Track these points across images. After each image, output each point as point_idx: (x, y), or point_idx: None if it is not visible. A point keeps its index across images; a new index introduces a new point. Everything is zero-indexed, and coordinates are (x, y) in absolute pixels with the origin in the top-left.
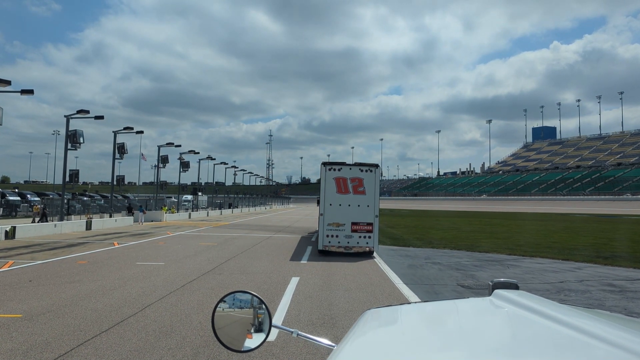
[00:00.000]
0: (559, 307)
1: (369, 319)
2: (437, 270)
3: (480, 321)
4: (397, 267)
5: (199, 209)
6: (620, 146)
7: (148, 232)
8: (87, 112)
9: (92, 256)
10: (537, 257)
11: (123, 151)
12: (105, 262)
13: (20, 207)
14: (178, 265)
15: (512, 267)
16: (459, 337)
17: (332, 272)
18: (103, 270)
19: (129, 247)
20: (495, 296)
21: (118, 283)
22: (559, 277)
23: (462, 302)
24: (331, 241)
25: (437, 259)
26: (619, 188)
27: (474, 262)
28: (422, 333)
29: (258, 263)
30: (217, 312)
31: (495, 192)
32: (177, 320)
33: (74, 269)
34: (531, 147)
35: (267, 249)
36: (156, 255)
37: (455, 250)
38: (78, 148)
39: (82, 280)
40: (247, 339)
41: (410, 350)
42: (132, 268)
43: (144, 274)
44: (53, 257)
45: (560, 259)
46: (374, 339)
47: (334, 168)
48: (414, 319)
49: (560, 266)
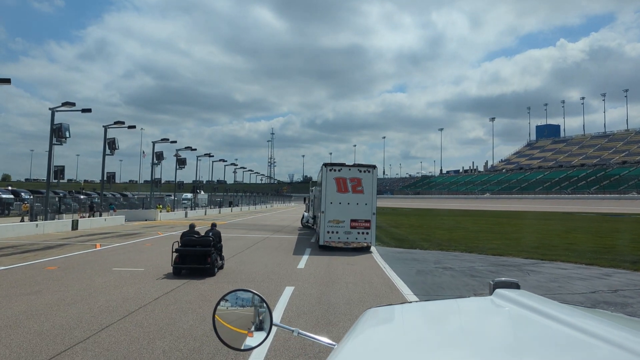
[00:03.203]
0: (560, 307)
1: (370, 318)
2: (450, 277)
3: (481, 320)
4: (405, 273)
5: (199, 208)
6: (625, 144)
7: (137, 232)
8: (73, 105)
9: (66, 261)
10: (558, 260)
11: (114, 147)
12: (78, 268)
13: (13, 206)
14: (159, 272)
15: (533, 274)
16: (459, 336)
17: (333, 278)
18: (71, 277)
19: (111, 249)
20: (496, 295)
21: (82, 295)
22: (589, 286)
23: (463, 302)
24: (332, 237)
25: (447, 263)
26: (624, 187)
27: (489, 267)
28: (423, 332)
29: (249, 268)
30: (218, 310)
31: (499, 191)
32: (135, 349)
33: (39, 277)
34: (535, 145)
35: (261, 252)
36: (138, 259)
37: (466, 253)
38: (64, 143)
39: (41, 291)
40: (248, 337)
41: (411, 349)
42: (106, 275)
43: (117, 282)
44: (21, 261)
45: (584, 264)
46: (375, 338)
47: (334, 169)
48: (415, 318)
49: (586, 272)
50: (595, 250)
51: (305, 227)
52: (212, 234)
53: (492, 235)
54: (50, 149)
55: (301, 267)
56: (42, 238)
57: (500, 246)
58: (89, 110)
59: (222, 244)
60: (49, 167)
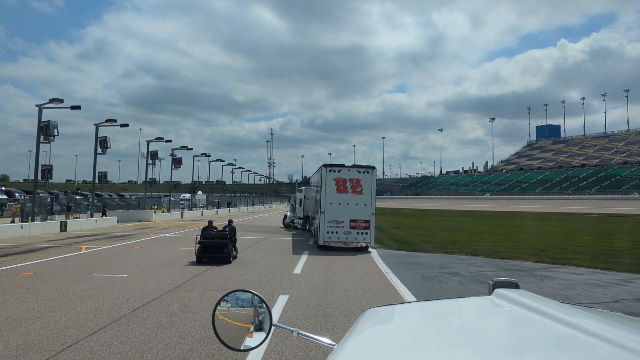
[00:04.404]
0: (560, 306)
1: (369, 318)
2: (458, 284)
3: (481, 320)
4: (409, 279)
5: (197, 208)
6: (626, 145)
7: (129, 234)
8: (61, 101)
9: (44, 265)
10: (570, 265)
11: (105, 145)
12: (55, 274)
13: (7, 206)
14: (142, 278)
15: (547, 280)
16: (459, 336)
17: (331, 285)
18: (45, 285)
19: (96, 252)
20: (495, 295)
21: (51, 306)
22: (611, 294)
23: (463, 301)
24: (331, 237)
25: (453, 267)
26: (625, 187)
27: (499, 272)
28: (423, 332)
29: (241, 275)
30: (218, 310)
31: (499, 191)
32: None
33: (9, 285)
34: (535, 145)
35: (257, 255)
36: (123, 263)
37: (472, 256)
38: (52, 141)
39: (6, 301)
40: (248, 337)
41: (411, 349)
42: (84, 282)
43: (94, 291)
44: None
45: (599, 268)
46: (374, 338)
47: (334, 169)
48: (415, 318)
49: (603, 278)
50: (607, 253)
51: (288, 227)
52: (228, 228)
53: (497, 237)
54: (37, 147)
55: (297, 273)
56: (26, 240)
57: (507, 249)
58: (78, 107)
59: (236, 237)
60: (37, 166)
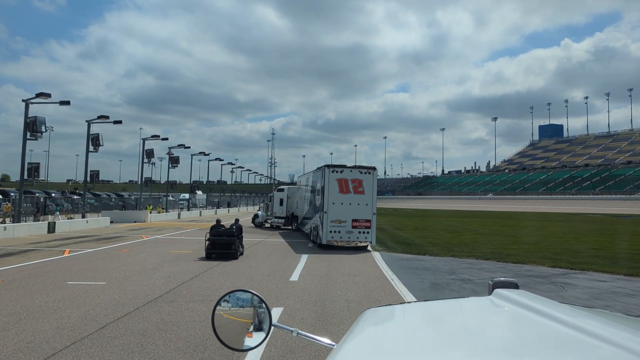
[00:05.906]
0: (560, 307)
1: (369, 318)
2: (472, 293)
3: (480, 320)
4: (416, 287)
5: (196, 208)
6: (629, 144)
7: (119, 235)
8: (49, 96)
9: (18, 271)
10: (590, 270)
11: (97, 143)
12: (26, 281)
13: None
14: (122, 287)
15: (569, 287)
16: (459, 336)
17: (331, 296)
18: (10, 295)
19: (79, 256)
20: (495, 295)
21: (9, 322)
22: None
23: (463, 301)
24: (334, 236)
25: (464, 273)
26: (629, 187)
27: (513, 278)
28: (422, 332)
29: (232, 283)
30: (218, 310)
31: (502, 191)
32: None
33: None
34: (538, 145)
35: (250, 261)
36: (104, 269)
37: (482, 260)
38: (39, 137)
39: None
40: (247, 337)
41: (410, 349)
42: (55, 291)
43: (62, 302)
44: None
45: (622, 274)
46: (374, 338)
47: (336, 170)
48: (414, 318)
49: (629, 285)
50: (626, 256)
51: (259, 226)
52: (235, 227)
53: (504, 238)
54: (23, 144)
55: (294, 280)
56: (8, 243)
57: (517, 251)
58: (67, 102)
59: (242, 235)
60: (22, 164)
